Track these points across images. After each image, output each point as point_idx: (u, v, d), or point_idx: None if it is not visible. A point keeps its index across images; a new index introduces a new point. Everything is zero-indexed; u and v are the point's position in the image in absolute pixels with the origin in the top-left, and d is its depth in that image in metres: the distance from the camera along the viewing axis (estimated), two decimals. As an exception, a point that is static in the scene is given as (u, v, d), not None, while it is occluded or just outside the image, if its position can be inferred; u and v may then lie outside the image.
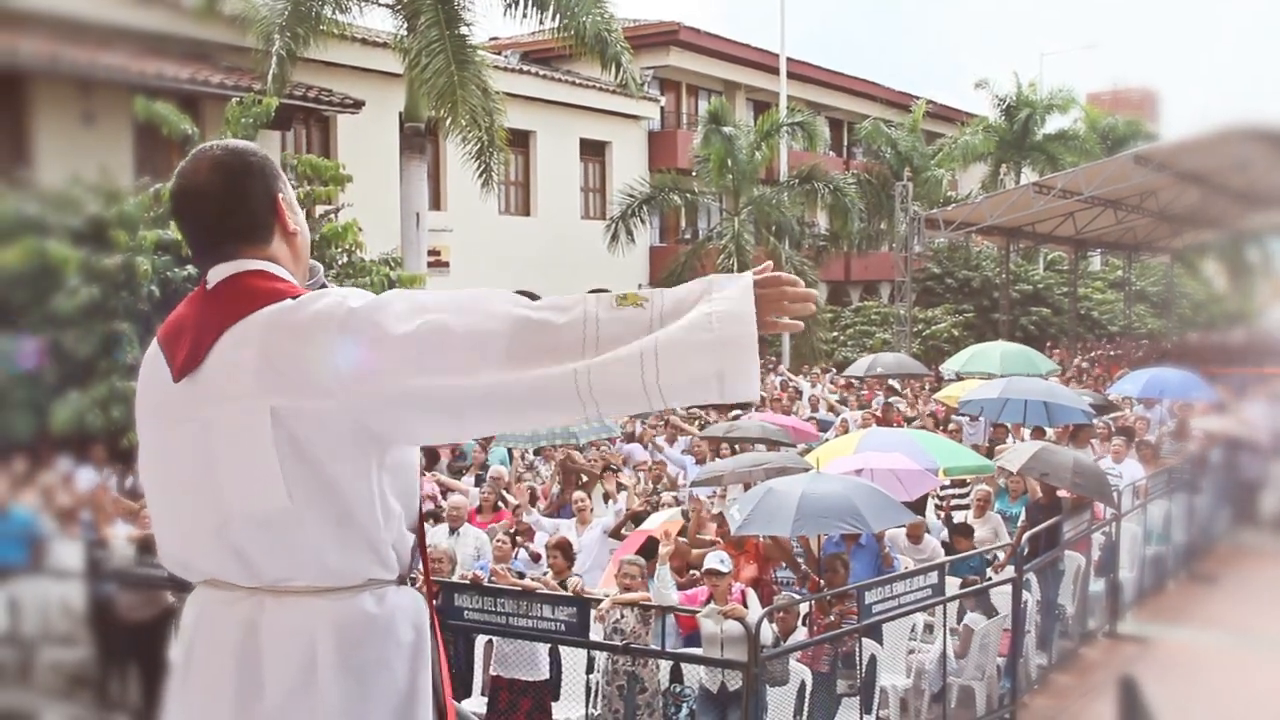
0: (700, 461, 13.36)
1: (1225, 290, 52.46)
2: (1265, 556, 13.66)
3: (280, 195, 2.40)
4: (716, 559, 7.60)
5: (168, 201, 2.30)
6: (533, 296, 2.14)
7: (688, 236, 33.34)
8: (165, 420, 2.26)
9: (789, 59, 32.58)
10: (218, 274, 2.31)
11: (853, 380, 21.73)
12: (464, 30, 18.87)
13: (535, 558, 9.35)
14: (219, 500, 2.19)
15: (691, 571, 8.39)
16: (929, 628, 8.98)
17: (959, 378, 21.13)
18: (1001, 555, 9.85)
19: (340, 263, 14.91)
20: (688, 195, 29.29)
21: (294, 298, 2.23)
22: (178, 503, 2.27)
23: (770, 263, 2.32)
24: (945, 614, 8.36)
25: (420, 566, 2.43)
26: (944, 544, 10.18)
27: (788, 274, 2.22)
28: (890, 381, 20.85)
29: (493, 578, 7.82)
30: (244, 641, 2.22)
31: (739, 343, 2.02)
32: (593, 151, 31.20)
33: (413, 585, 2.40)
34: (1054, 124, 40.91)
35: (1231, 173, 26.84)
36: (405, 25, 19.33)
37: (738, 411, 16.37)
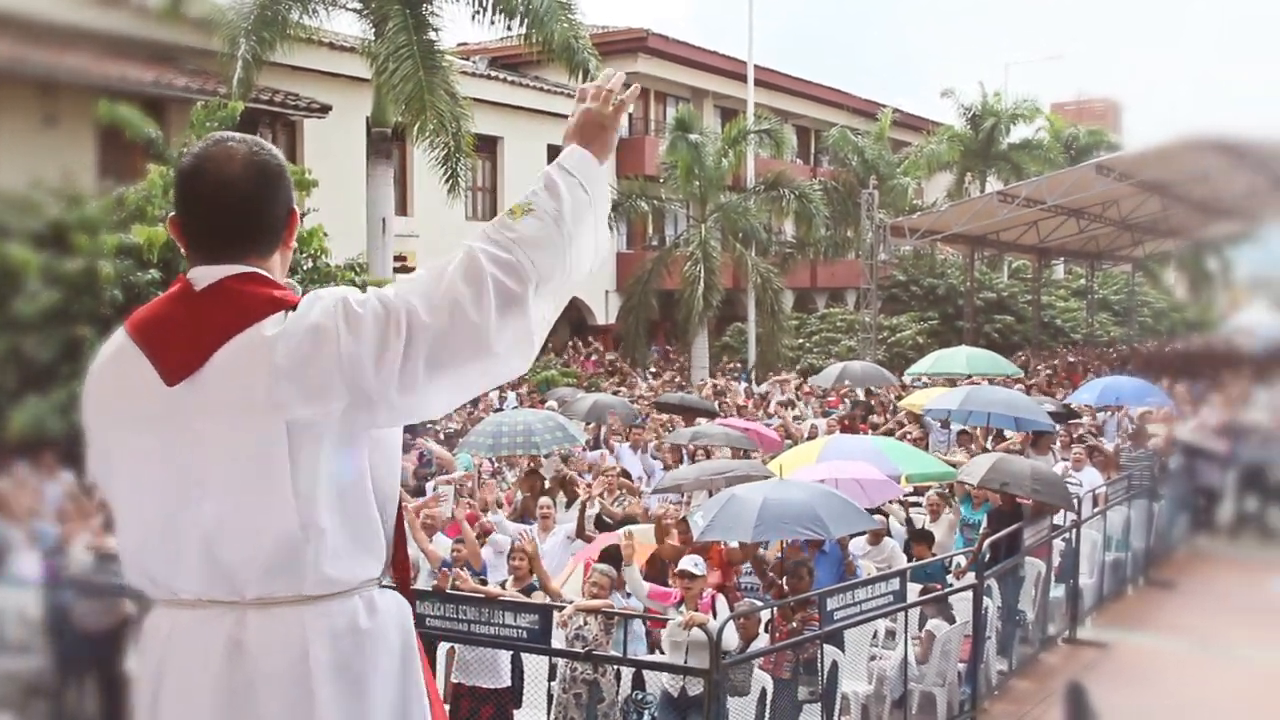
0: (668, 467, 13.42)
1: (1186, 299, 53.12)
2: (1221, 562, 13.82)
3: (294, 208, 2.37)
4: (690, 562, 7.64)
5: (179, 183, 2.28)
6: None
7: (655, 243, 33.42)
8: (153, 426, 2.16)
9: (756, 67, 32.72)
10: (208, 275, 2.22)
11: (817, 389, 21.82)
12: (432, 36, 18.85)
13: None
14: (210, 514, 2.13)
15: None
16: (891, 634, 9.03)
17: (924, 383, 21.31)
18: (963, 561, 9.93)
19: (305, 268, 14.83)
20: (655, 202, 29.34)
21: (293, 306, 2.19)
22: (158, 513, 2.17)
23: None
24: (907, 620, 8.41)
25: (396, 560, 2.39)
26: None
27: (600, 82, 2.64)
28: (858, 390, 20.94)
29: (456, 583, 7.81)
30: (228, 663, 2.14)
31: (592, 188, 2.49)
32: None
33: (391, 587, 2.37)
34: (1018, 133, 41.47)
35: (1191, 183, 27.17)
36: (373, 30, 19.27)
37: (702, 419, 16.43)
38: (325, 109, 22.05)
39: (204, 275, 2.24)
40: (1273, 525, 14.38)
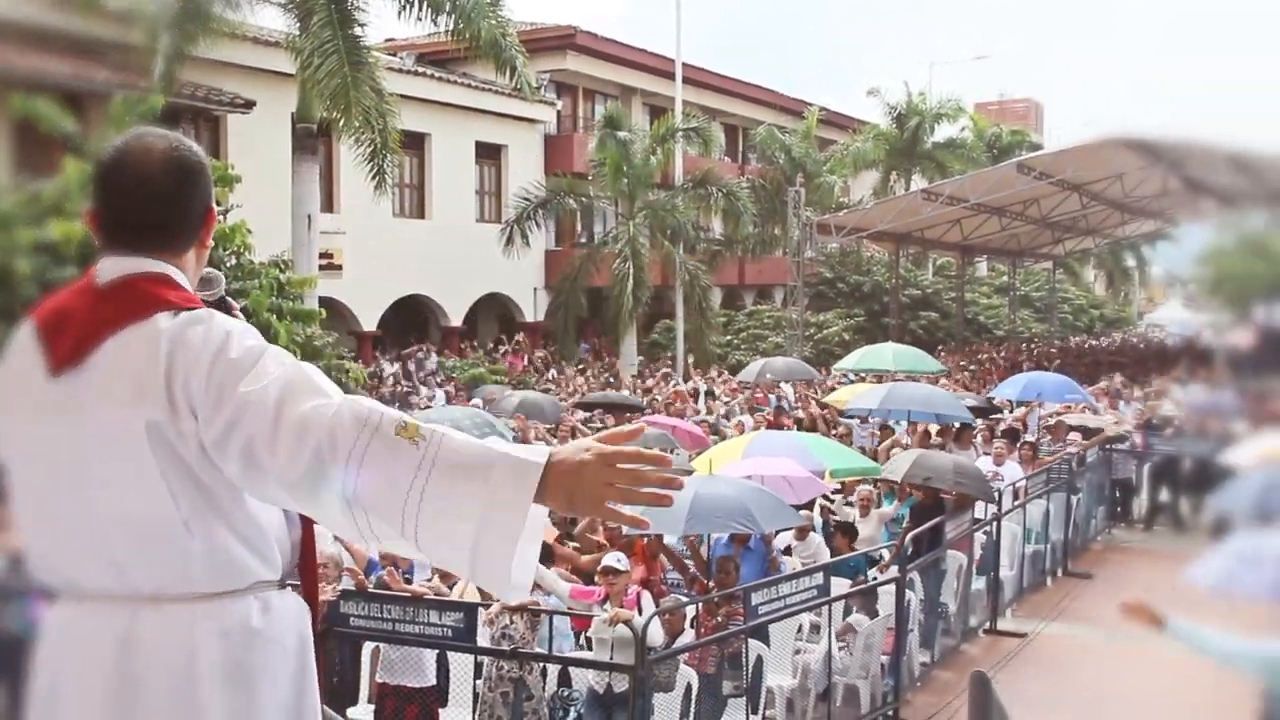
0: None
1: (1104, 296, 54.31)
2: (1137, 553, 14.17)
3: (212, 207, 2.35)
4: (614, 558, 7.68)
5: (98, 176, 2.24)
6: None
7: (583, 240, 33.41)
8: (38, 414, 2.16)
9: (685, 65, 32.82)
10: (114, 269, 2.21)
11: (744, 384, 21.98)
12: (357, 31, 18.65)
13: None
14: (95, 505, 2.12)
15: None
16: (815, 628, 9.14)
17: (851, 379, 21.56)
18: (887, 555, 10.07)
19: (228, 265, 14.64)
20: (583, 199, 29.32)
21: (189, 309, 2.17)
22: (49, 504, 2.17)
23: (639, 428, 2.17)
24: (830, 614, 8.52)
25: (303, 565, 2.38)
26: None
27: (651, 450, 2.05)
28: (782, 385, 21.13)
29: (384, 576, 7.78)
30: (119, 658, 2.13)
31: (502, 525, 1.97)
32: (488, 154, 31.10)
33: (294, 589, 2.35)
34: (943, 132, 42.08)
35: (1108, 181, 27.76)
36: (298, 25, 19.04)
37: (630, 416, 16.48)
38: (249, 104, 21.77)
39: (111, 269, 2.24)
40: (1186, 516, 14.76)
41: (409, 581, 7.86)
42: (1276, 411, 5.86)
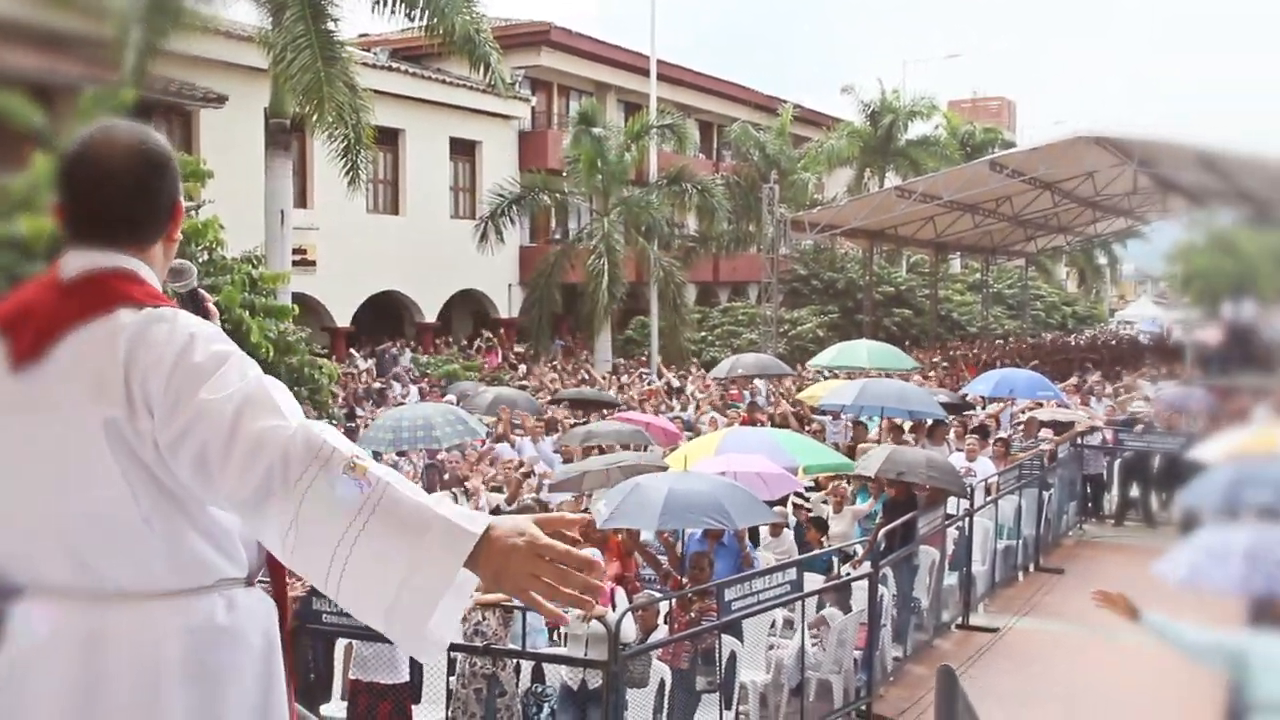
0: (568, 460, 13.42)
1: (1076, 293, 54.66)
2: (1107, 548, 14.28)
3: (179, 201, 2.33)
4: (588, 554, 7.66)
5: (63, 169, 2.23)
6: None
7: (557, 237, 33.38)
8: (3, 412, 2.15)
9: (659, 62, 32.82)
10: (78, 263, 2.19)
11: (718, 380, 22.02)
12: (330, 26, 18.55)
13: None
14: (57, 502, 2.11)
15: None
16: (788, 623, 9.16)
17: (825, 375, 21.63)
18: (861, 551, 10.12)
19: (200, 260, 14.56)
20: (558, 195, 29.31)
21: (154, 305, 2.16)
22: (11, 499, 2.15)
23: (581, 519, 2.14)
24: (804, 609, 8.55)
25: (273, 562, 2.35)
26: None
27: (582, 554, 2.07)
28: (755, 381, 21.18)
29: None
30: (84, 655, 2.12)
31: (424, 589, 1.97)
32: (463, 150, 31.03)
33: (263, 588, 2.35)
34: (916, 130, 42.11)
35: (1080, 180, 27.93)
36: (270, 19, 18.93)
37: (604, 412, 16.48)
38: (221, 99, 21.64)
39: (75, 263, 2.22)
40: (1156, 511, 14.90)
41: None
42: (1244, 407, 5.92)
